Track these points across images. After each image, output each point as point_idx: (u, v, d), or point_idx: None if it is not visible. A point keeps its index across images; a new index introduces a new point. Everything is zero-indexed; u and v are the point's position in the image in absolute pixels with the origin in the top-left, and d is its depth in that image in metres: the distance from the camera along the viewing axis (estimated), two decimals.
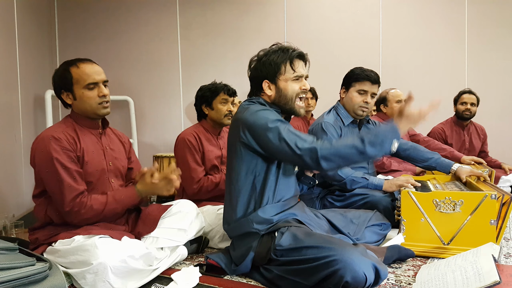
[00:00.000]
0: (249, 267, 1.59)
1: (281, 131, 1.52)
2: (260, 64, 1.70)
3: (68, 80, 1.69)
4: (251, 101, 1.70)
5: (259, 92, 1.73)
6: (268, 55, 1.69)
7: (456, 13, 4.07)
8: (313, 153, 1.48)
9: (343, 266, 1.30)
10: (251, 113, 1.59)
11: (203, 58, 4.33)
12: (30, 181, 3.24)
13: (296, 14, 4.25)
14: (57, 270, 1.45)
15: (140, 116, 4.31)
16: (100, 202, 1.66)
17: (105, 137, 1.82)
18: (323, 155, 1.47)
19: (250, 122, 1.57)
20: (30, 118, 3.41)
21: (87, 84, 1.68)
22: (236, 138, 1.62)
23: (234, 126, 1.65)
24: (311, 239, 1.45)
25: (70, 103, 1.73)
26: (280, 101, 1.70)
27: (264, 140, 1.55)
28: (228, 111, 2.37)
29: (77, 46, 4.26)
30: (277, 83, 1.69)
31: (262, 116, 1.57)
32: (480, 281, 1.27)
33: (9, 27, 3.06)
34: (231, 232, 1.70)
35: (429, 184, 2.17)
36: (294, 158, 1.52)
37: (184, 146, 2.28)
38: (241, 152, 1.62)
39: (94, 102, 1.70)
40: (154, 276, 1.62)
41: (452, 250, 1.81)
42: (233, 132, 1.65)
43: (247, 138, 1.58)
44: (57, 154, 1.60)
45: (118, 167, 1.83)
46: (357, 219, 1.92)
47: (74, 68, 1.69)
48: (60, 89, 1.72)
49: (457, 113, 3.57)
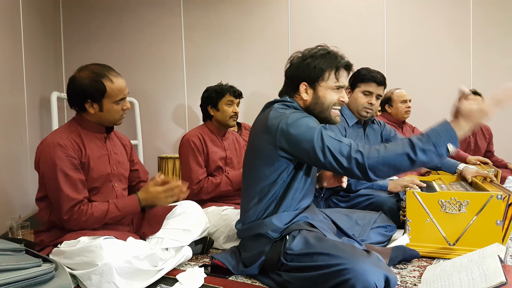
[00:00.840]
0: (257, 270, 1.59)
1: (325, 142, 1.42)
2: (303, 64, 1.59)
3: (100, 92, 1.66)
4: (285, 104, 1.61)
5: (293, 93, 1.64)
6: (314, 57, 1.58)
7: (460, 13, 4.05)
8: (360, 164, 1.38)
9: (354, 276, 1.27)
10: (291, 123, 1.48)
11: (207, 59, 4.33)
12: (35, 183, 3.23)
13: (300, 15, 4.25)
14: (63, 271, 1.46)
15: (145, 118, 4.32)
16: (101, 210, 1.65)
17: (109, 141, 1.82)
18: (371, 164, 1.37)
19: (292, 134, 1.47)
20: (36, 119, 3.43)
21: (118, 99, 1.71)
22: (267, 143, 1.53)
23: (265, 129, 1.54)
24: (322, 245, 1.42)
25: (93, 112, 1.70)
26: (315, 108, 1.60)
27: (307, 153, 1.46)
28: (234, 113, 2.37)
29: (82, 48, 4.28)
30: (316, 88, 1.59)
31: (304, 126, 1.47)
32: (486, 282, 1.27)
33: (14, 29, 3.08)
34: (243, 232, 1.66)
35: (434, 184, 2.16)
36: (340, 170, 1.43)
37: (188, 147, 2.28)
38: (271, 157, 1.54)
39: (118, 115, 1.75)
40: (159, 276, 1.63)
41: (458, 250, 1.80)
42: (263, 136, 1.55)
43: (285, 148, 1.50)
44: (60, 161, 1.60)
45: (121, 171, 1.83)
46: (362, 220, 1.91)
47: (108, 82, 1.67)
48: (86, 99, 1.67)
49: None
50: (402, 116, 3.21)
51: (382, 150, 1.38)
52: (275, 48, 4.28)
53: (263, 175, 1.57)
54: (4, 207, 2.75)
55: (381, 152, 1.38)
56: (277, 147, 1.51)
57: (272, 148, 1.52)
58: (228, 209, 2.20)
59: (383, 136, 2.55)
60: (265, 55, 4.29)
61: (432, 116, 3.64)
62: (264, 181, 1.58)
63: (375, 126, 2.53)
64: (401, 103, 3.17)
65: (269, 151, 1.54)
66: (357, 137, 2.41)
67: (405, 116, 3.22)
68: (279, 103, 1.63)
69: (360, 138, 2.43)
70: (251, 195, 1.62)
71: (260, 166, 1.57)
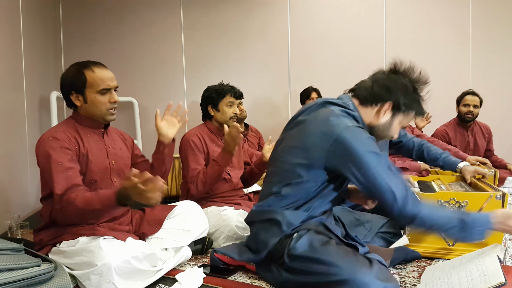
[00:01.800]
0: (263, 257, 1.57)
1: (385, 177, 1.39)
2: (410, 89, 1.56)
3: (81, 82, 1.68)
4: (345, 111, 1.54)
5: (372, 105, 1.56)
6: (416, 92, 1.58)
7: (460, 14, 4.05)
8: (411, 219, 1.40)
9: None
10: (355, 140, 1.42)
11: (207, 58, 4.33)
12: (35, 182, 3.25)
13: (300, 15, 4.25)
14: (62, 271, 1.46)
15: (144, 117, 4.32)
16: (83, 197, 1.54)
17: (107, 136, 1.82)
18: (421, 222, 1.39)
19: (355, 154, 1.41)
20: (35, 119, 3.43)
21: (100, 89, 1.69)
22: (318, 146, 1.46)
23: (321, 132, 1.47)
24: (327, 251, 1.40)
25: (79, 105, 1.72)
26: (383, 130, 1.59)
27: (362, 178, 1.42)
28: (234, 114, 2.35)
29: (82, 47, 4.28)
30: (394, 116, 1.57)
31: (367, 150, 1.42)
32: (485, 282, 1.27)
33: (14, 28, 3.08)
34: (257, 214, 1.62)
35: (433, 184, 2.16)
36: (387, 210, 1.42)
37: (187, 146, 2.28)
38: (315, 160, 1.48)
39: (104, 108, 1.71)
40: (158, 277, 1.62)
41: (457, 251, 1.80)
42: (315, 137, 1.48)
43: (336, 160, 1.45)
44: (53, 151, 1.59)
45: (120, 166, 1.83)
46: (369, 223, 1.91)
47: (89, 72, 1.68)
48: (71, 90, 1.70)
49: (459, 115, 3.54)
50: None
51: (437, 210, 1.43)
52: (275, 48, 4.28)
53: (298, 175, 1.51)
54: (3, 206, 2.75)
55: (435, 212, 1.41)
56: (329, 157, 1.45)
57: (323, 155, 1.46)
58: (227, 209, 2.19)
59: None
60: (265, 55, 4.29)
61: (432, 116, 3.65)
62: (296, 180, 1.52)
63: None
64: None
65: (317, 156, 1.47)
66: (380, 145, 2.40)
67: None
68: (338, 107, 1.55)
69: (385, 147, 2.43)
70: (276, 189, 1.57)
71: (297, 165, 1.51)
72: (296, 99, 4.08)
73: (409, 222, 1.43)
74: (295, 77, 4.28)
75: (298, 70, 4.28)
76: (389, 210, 1.42)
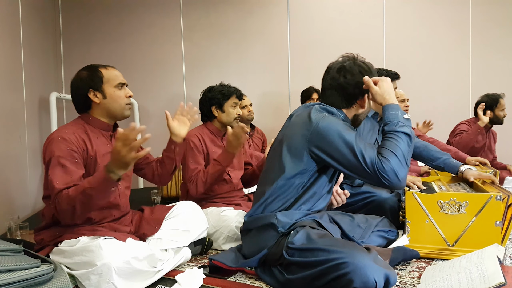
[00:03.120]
0: (257, 263, 1.59)
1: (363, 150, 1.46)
2: (370, 76, 1.62)
3: (98, 78, 1.73)
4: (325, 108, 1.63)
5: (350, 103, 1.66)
6: (371, 70, 1.65)
7: (460, 14, 4.06)
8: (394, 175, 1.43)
9: (352, 270, 1.27)
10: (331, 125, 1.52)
11: (207, 59, 4.33)
12: (35, 183, 3.25)
13: (300, 16, 4.25)
14: (61, 271, 1.46)
15: (145, 118, 4.32)
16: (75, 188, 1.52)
17: (115, 139, 1.82)
18: (398, 170, 1.43)
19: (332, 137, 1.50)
20: (35, 120, 3.43)
21: (117, 83, 1.76)
22: (301, 138, 1.56)
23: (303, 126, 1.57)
24: (323, 241, 1.43)
25: (98, 102, 1.74)
26: (363, 116, 1.71)
27: (342, 154, 1.49)
28: (238, 115, 2.38)
29: (81, 48, 4.28)
30: (369, 98, 1.66)
31: (342, 131, 1.50)
32: (485, 283, 1.27)
33: (14, 29, 3.08)
34: (252, 223, 1.65)
35: (433, 185, 2.16)
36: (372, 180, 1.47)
37: (187, 147, 2.28)
38: (300, 153, 1.56)
39: (123, 102, 1.78)
40: (158, 277, 1.62)
41: (457, 251, 1.80)
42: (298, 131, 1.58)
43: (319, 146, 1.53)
44: (60, 152, 1.59)
45: None
46: (364, 223, 1.91)
47: (103, 69, 1.76)
48: (88, 89, 1.73)
49: (496, 119, 3.49)
50: None
51: (393, 147, 1.47)
52: (275, 49, 4.28)
53: (287, 173, 1.58)
54: (3, 207, 2.75)
55: (395, 151, 1.46)
56: (311, 143, 1.53)
57: (305, 144, 1.54)
58: (227, 210, 2.19)
59: None
60: (265, 56, 4.29)
61: (431, 116, 3.66)
62: (286, 178, 1.58)
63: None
64: (399, 102, 3.19)
65: (300, 147, 1.56)
66: (370, 130, 2.44)
67: None
68: (318, 105, 1.65)
69: (374, 132, 2.47)
70: (269, 189, 1.62)
71: (286, 163, 1.58)
72: (295, 100, 4.09)
73: (393, 177, 1.44)
74: (294, 77, 4.29)
75: (298, 70, 4.28)
76: (374, 179, 1.46)
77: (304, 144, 1.55)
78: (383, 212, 2.12)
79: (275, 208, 1.61)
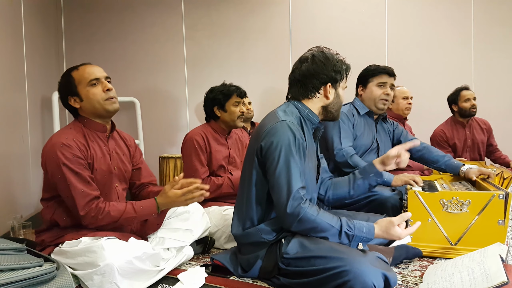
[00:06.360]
0: (256, 274, 1.59)
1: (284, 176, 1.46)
2: (330, 64, 1.61)
3: (71, 83, 1.70)
4: (286, 111, 1.62)
5: (311, 93, 1.63)
6: (335, 60, 1.63)
7: (462, 13, 4.04)
8: (294, 217, 1.43)
9: (352, 277, 1.28)
10: (277, 134, 1.50)
11: (209, 58, 4.33)
12: (37, 182, 3.26)
13: (301, 14, 4.24)
14: (64, 270, 1.46)
15: (146, 117, 4.33)
16: (118, 210, 1.64)
17: (112, 140, 1.82)
18: (305, 222, 1.44)
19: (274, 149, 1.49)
20: (38, 119, 3.43)
21: (89, 81, 1.69)
22: (255, 144, 1.56)
23: (257, 131, 1.59)
24: (318, 247, 1.42)
25: (78, 106, 1.71)
26: (334, 107, 1.67)
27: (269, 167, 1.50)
28: (241, 113, 2.37)
29: (83, 48, 4.28)
30: (337, 89, 1.66)
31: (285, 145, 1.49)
32: (487, 282, 1.26)
33: (16, 29, 3.08)
34: (239, 239, 1.65)
35: (436, 184, 2.16)
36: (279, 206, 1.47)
37: (191, 146, 2.28)
38: (256, 162, 1.56)
39: (101, 98, 1.69)
40: (160, 276, 1.63)
41: (460, 250, 1.80)
42: (254, 142, 1.59)
43: (264, 158, 1.53)
44: (67, 160, 1.59)
45: (122, 172, 1.83)
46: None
47: (74, 72, 1.71)
48: (67, 96, 1.71)
49: (463, 111, 3.47)
50: (402, 112, 3.24)
51: (321, 213, 1.45)
52: (277, 48, 4.27)
53: (253, 183, 1.57)
54: (6, 206, 2.76)
55: (319, 215, 1.44)
56: (260, 150, 1.53)
57: (258, 149, 1.54)
58: (229, 209, 2.19)
59: (395, 135, 2.61)
60: (267, 55, 4.29)
61: (433, 114, 3.65)
62: (257, 188, 1.57)
63: (387, 125, 2.59)
64: (402, 99, 3.21)
65: (255, 158, 1.56)
66: (366, 128, 2.45)
67: (406, 113, 3.25)
68: (281, 109, 1.64)
69: (371, 130, 2.49)
70: (246, 201, 1.61)
71: (252, 172, 1.58)
72: None
73: (293, 221, 1.45)
74: None
75: None
76: (281, 207, 1.45)
77: (258, 150, 1.55)
78: (385, 211, 2.12)
79: (256, 218, 1.59)
